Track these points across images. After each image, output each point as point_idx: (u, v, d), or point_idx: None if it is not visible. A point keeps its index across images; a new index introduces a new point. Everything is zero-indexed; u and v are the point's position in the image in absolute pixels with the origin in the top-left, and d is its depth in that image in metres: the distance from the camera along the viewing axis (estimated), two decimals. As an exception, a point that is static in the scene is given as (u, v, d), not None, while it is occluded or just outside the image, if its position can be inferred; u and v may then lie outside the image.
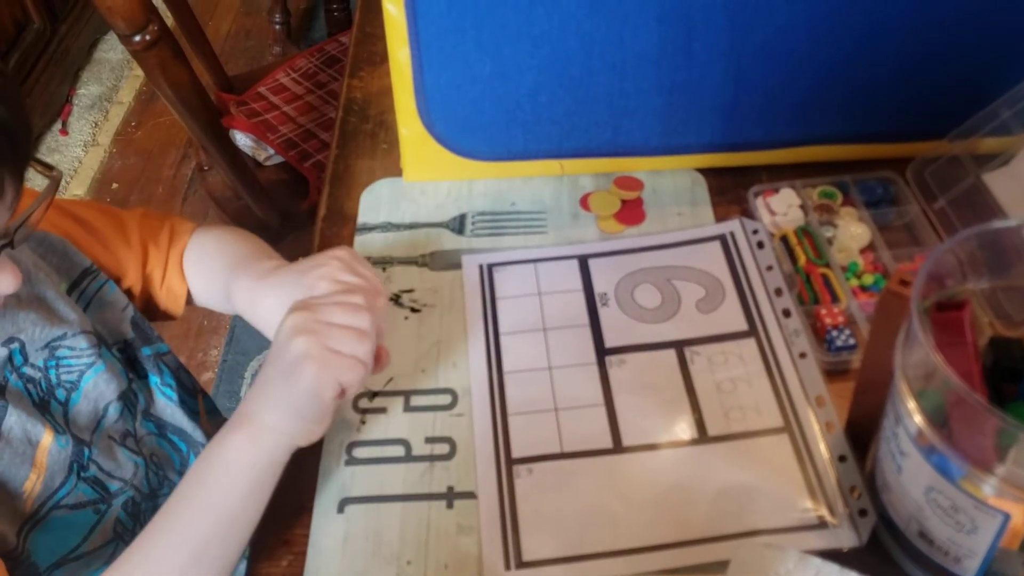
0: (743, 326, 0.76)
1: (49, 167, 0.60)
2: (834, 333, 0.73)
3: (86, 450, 0.68)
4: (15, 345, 0.66)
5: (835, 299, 0.76)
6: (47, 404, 0.67)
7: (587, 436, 0.70)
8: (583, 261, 0.83)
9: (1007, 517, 0.52)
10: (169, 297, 0.83)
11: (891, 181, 0.84)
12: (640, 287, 0.80)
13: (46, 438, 0.65)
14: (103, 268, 0.77)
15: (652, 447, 0.69)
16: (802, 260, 0.79)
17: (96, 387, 0.70)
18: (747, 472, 0.67)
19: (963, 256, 0.59)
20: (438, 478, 0.69)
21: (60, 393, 0.68)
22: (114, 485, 0.70)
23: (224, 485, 0.61)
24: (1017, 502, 0.52)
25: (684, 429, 0.70)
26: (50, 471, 0.65)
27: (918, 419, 0.54)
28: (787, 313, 0.76)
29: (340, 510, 0.67)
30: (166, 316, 0.85)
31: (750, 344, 0.75)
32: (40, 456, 0.65)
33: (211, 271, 0.81)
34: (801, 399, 0.71)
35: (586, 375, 0.74)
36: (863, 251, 0.80)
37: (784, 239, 0.81)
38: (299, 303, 0.64)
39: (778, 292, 0.78)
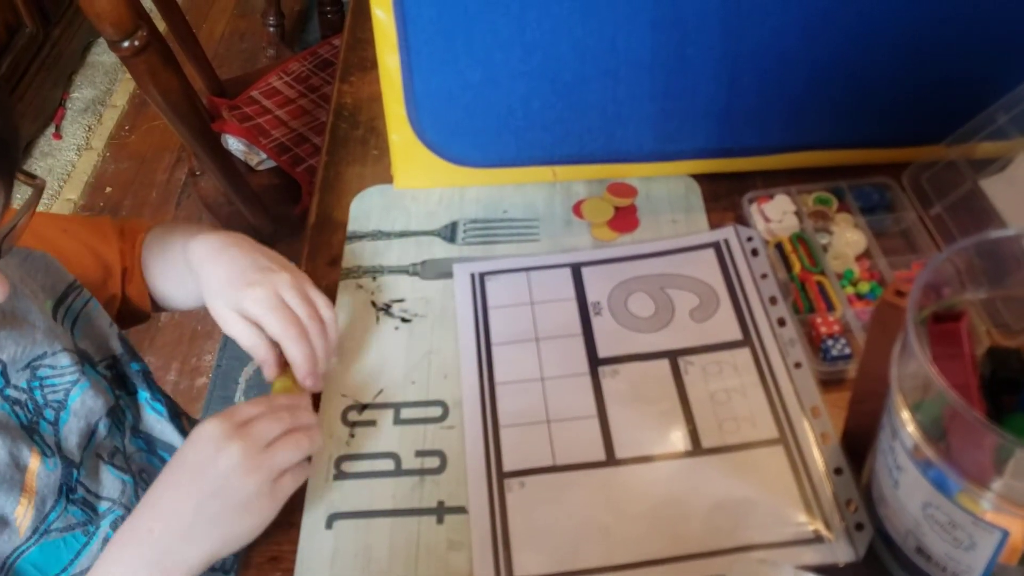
0: (737, 335, 0.75)
1: (32, 176, 0.59)
2: (830, 342, 0.72)
3: (75, 471, 0.67)
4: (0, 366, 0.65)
5: (831, 307, 0.75)
6: (35, 426, 0.66)
7: (580, 448, 0.69)
8: (576, 269, 0.82)
9: (1006, 534, 0.51)
10: (138, 296, 0.83)
11: (887, 187, 0.83)
12: (633, 296, 0.79)
13: (33, 462, 0.64)
14: (90, 277, 0.76)
15: (646, 459, 0.68)
16: (797, 268, 0.78)
17: (84, 404, 0.69)
18: (742, 485, 0.66)
19: (961, 265, 0.58)
20: (428, 493, 0.68)
21: (49, 413, 0.67)
22: (103, 505, 0.69)
23: None
24: (1015, 518, 0.51)
25: (678, 441, 0.69)
26: (40, 495, 0.64)
27: (914, 433, 0.53)
28: (782, 322, 0.75)
29: (328, 526, 0.66)
30: (139, 317, 0.84)
31: (744, 354, 0.74)
32: (30, 480, 0.63)
33: (165, 251, 0.80)
34: (796, 410, 0.70)
35: (579, 386, 0.73)
36: (859, 258, 0.79)
37: (779, 246, 0.80)
38: (226, 424, 0.61)
39: (773, 301, 0.77)
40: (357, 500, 0.68)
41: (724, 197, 0.87)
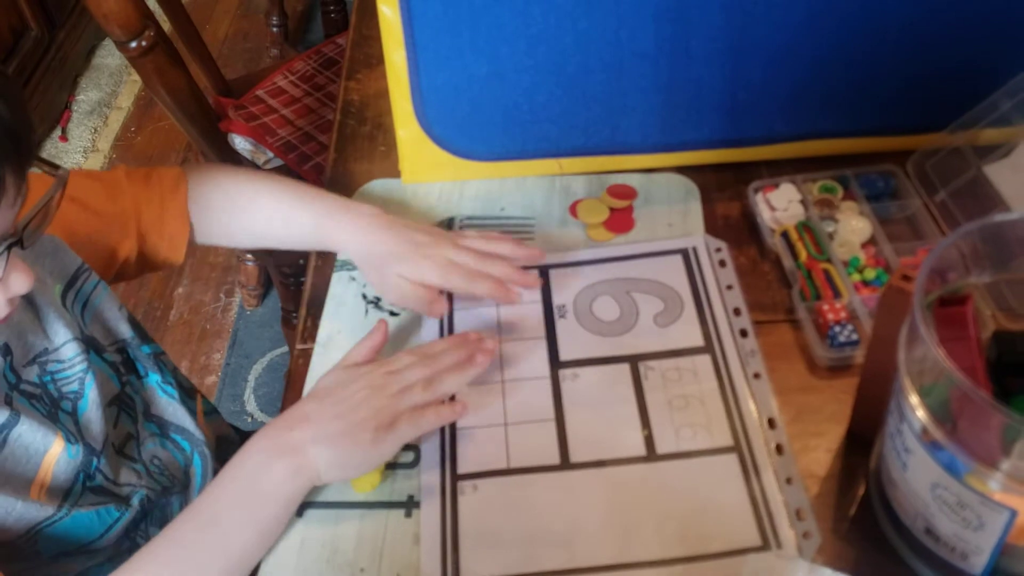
0: (699, 342, 0.75)
1: (55, 166, 0.59)
2: (837, 329, 0.73)
3: (94, 459, 0.68)
4: (9, 358, 0.65)
5: (837, 294, 0.76)
6: (55, 417, 0.67)
7: (535, 452, 0.69)
8: (543, 272, 0.81)
9: (1014, 513, 0.52)
10: (171, 246, 0.82)
11: (892, 174, 0.84)
12: (599, 299, 0.79)
13: (56, 447, 0.65)
14: (99, 243, 0.76)
15: (600, 464, 0.68)
16: (803, 256, 0.79)
17: (97, 393, 0.70)
18: (695, 492, 0.65)
19: (966, 250, 0.59)
20: (400, 486, 0.68)
21: (66, 405, 0.68)
22: (124, 490, 0.70)
23: (266, 511, 0.63)
24: (1023, 497, 0.51)
25: (633, 446, 0.68)
26: (56, 480, 0.65)
27: (922, 416, 0.54)
28: (744, 333, 0.74)
29: (299, 514, 0.67)
30: (166, 265, 0.84)
31: (705, 360, 0.73)
32: (47, 463, 0.64)
33: (253, 210, 0.83)
34: (753, 420, 0.69)
35: (538, 388, 0.73)
36: (864, 245, 0.79)
37: (785, 235, 0.81)
38: (382, 372, 0.68)
39: (737, 312, 0.76)
40: (329, 490, 0.68)
41: (730, 187, 0.87)
